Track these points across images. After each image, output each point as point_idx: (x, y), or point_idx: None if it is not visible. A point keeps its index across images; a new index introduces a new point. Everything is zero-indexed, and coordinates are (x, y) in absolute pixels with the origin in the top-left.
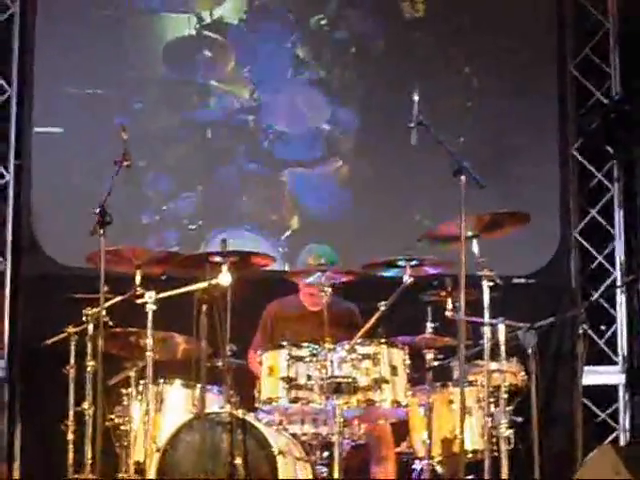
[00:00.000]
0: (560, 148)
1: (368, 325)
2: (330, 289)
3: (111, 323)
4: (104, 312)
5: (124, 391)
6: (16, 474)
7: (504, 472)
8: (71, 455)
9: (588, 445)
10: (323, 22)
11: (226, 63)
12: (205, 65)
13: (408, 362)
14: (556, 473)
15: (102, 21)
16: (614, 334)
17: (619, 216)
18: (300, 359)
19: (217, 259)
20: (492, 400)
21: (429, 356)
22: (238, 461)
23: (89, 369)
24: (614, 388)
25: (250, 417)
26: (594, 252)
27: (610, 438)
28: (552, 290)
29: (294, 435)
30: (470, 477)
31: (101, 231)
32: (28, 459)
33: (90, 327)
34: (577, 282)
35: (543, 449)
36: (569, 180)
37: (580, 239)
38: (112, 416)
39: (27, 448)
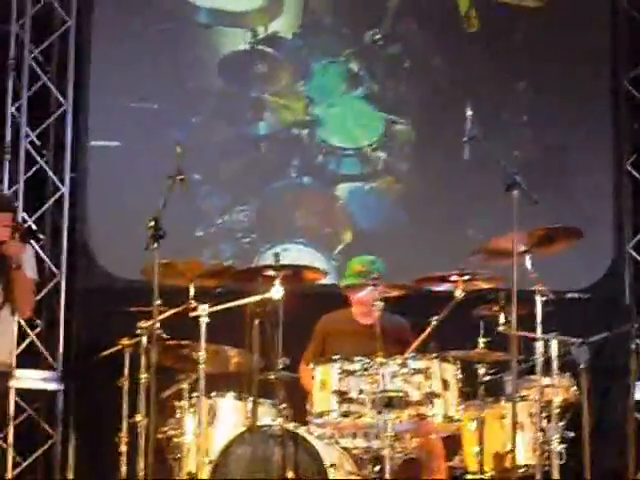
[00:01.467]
0: (614, 163)
1: (420, 339)
2: (382, 303)
3: (165, 336)
4: (158, 325)
5: (177, 404)
6: None
7: None
8: (124, 467)
9: None
10: (377, 37)
11: (280, 77)
12: (260, 79)
13: (460, 377)
14: None
15: (158, 35)
16: None
17: None
18: (352, 373)
19: (270, 273)
20: (544, 415)
21: (481, 371)
22: (290, 474)
23: (142, 381)
24: None
25: (302, 430)
26: None
27: None
28: (605, 305)
29: (345, 449)
30: None
31: (155, 244)
32: (82, 470)
33: (144, 340)
34: (631, 297)
35: (594, 465)
36: (623, 195)
37: (634, 254)
38: (165, 428)
39: (81, 459)
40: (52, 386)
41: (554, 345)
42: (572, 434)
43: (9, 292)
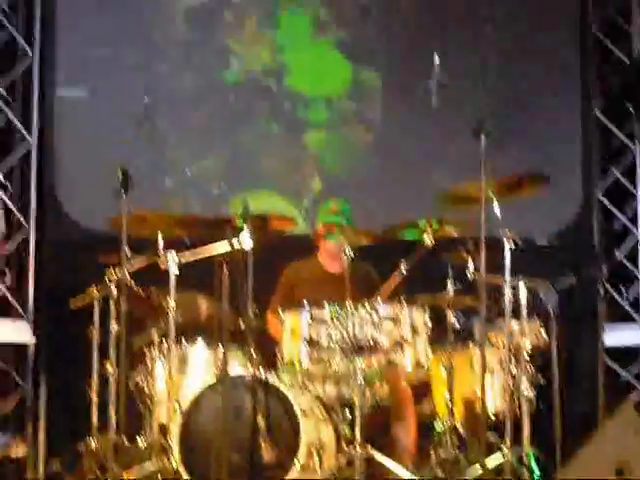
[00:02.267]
0: (582, 108)
1: (388, 285)
2: (351, 251)
3: (134, 286)
4: (127, 274)
5: (147, 352)
6: (41, 435)
7: (525, 433)
8: (95, 416)
9: (611, 406)
10: None
11: (247, 25)
12: (226, 27)
13: (429, 323)
14: (578, 434)
15: None
16: (637, 294)
17: None
18: (321, 320)
19: (238, 222)
20: (514, 361)
21: (450, 317)
22: (260, 422)
23: (113, 331)
24: (637, 349)
25: (272, 378)
26: (617, 213)
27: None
28: (574, 250)
29: (316, 396)
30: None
31: (124, 194)
32: (53, 421)
33: (113, 289)
34: (599, 243)
35: (565, 410)
36: (591, 140)
37: (602, 200)
38: (136, 379)
39: (52, 410)
40: (22, 337)
41: (522, 290)
42: (542, 380)
43: None
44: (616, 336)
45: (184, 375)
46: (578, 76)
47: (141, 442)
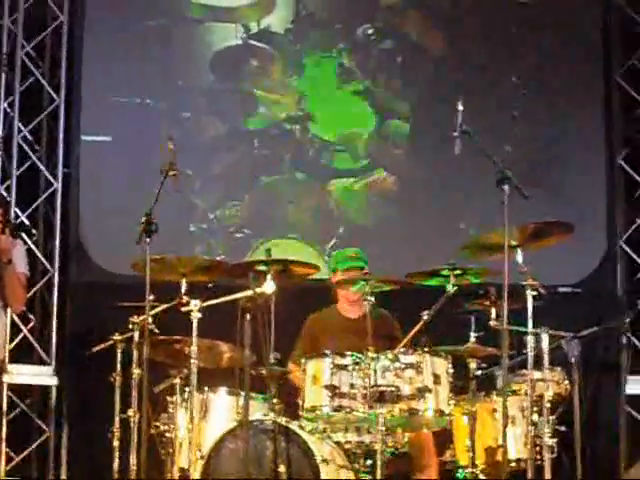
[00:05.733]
0: (606, 157)
1: (411, 334)
2: (372, 298)
3: (157, 331)
4: (150, 320)
5: (169, 399)
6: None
7: None
8: (116, 462)
9: (632, 455)
10: (370, 32)
11: (272, 72)
12: (252, 74)
13: (451, 371)
14: None
15: (150, 31)
16: None
17: None
18: (343, 368)
19: (261, 268)
20: (535, 409)
21: (472, 365)
22: (281, 469)
23: (135, 376)
24: None
25: (293, 425)
26: None
27: None
28: (597, 299)
29: (337, 443)
30: None
31: (147, 239)
32: (75, 465)
33: (136, 335)
34: (623, 291)
35: (586, 458)
36: (615, 189)
37: (626, 248)
38: (157, 423)
39: (74, 454)
40: (45, 381)
41: (545, 339)
42: (564, 428)
43: (0, 287)
44: (638, 385)
45: (205, 421)
46: (603, 126)
47: None
